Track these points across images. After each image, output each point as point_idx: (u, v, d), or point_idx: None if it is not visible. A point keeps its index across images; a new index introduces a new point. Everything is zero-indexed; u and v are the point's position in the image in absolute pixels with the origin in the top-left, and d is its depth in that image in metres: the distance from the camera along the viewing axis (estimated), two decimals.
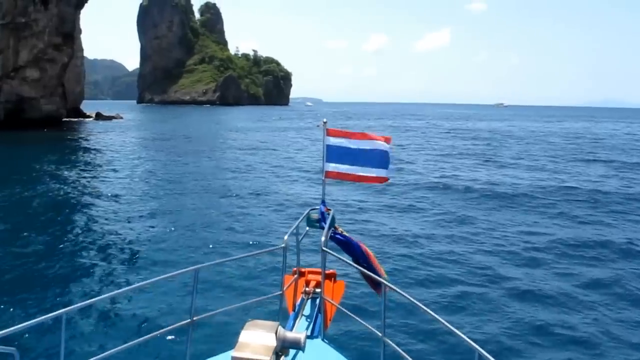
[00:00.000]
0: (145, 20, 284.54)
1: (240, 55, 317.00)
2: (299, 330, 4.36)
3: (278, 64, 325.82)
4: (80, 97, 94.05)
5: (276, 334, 3.33)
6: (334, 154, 5.49)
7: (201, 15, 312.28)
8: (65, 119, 75.80)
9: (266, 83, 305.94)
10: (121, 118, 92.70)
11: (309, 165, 33.46)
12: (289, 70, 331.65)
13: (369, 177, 5.49)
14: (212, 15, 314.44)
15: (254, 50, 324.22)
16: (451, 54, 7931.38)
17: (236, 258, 11.93)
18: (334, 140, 5.50)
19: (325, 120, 5.62)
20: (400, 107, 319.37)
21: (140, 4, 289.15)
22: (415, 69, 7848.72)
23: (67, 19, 69.18)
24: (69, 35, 69.75)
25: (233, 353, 3.20)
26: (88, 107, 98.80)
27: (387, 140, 5.53)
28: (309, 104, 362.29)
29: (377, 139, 5.49)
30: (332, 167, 5.52)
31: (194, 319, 4.06)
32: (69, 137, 54.89)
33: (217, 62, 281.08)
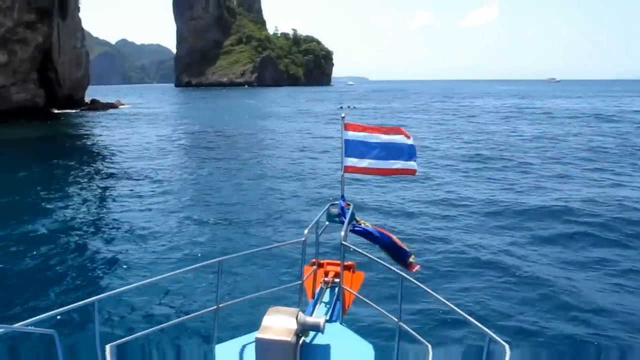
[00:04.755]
0: (181, 1, 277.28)
1: (279, 35, 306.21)
2: (318, 316, 4.40)
3: (319, 42, 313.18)
4: (85, 82, 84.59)
5: (297, 318, 3.55)
6: (353, 148, 5.21)
7: None
8: (55, 110, 66.49)
9: (306, 63, 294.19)
10: (122, 105, 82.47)
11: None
12: (332, 49, 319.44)
13: (394, 169, 5.28)
14: None
15: (293, 30, 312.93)
16: (499, 28, 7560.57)
17: (257, 250, 11.66)
18: (352, 135, 5.22)
19: (343, 115, 5.27)
20: (449, 85, 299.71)
21: None
22: (462, 46, 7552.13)
23: None
24: (45, 11, 59.53)
25: (257, 334, 3.45)
26: (128, 91, 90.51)
27: (407, 136, 5.27)
28: (350, 83, 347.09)
29: (397, 134, 5.23)
30: (352, 161, 5.25)
31: (220, 305, 4.18)
32: (27, 134, 44.73)
33: (254, 42, 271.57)
